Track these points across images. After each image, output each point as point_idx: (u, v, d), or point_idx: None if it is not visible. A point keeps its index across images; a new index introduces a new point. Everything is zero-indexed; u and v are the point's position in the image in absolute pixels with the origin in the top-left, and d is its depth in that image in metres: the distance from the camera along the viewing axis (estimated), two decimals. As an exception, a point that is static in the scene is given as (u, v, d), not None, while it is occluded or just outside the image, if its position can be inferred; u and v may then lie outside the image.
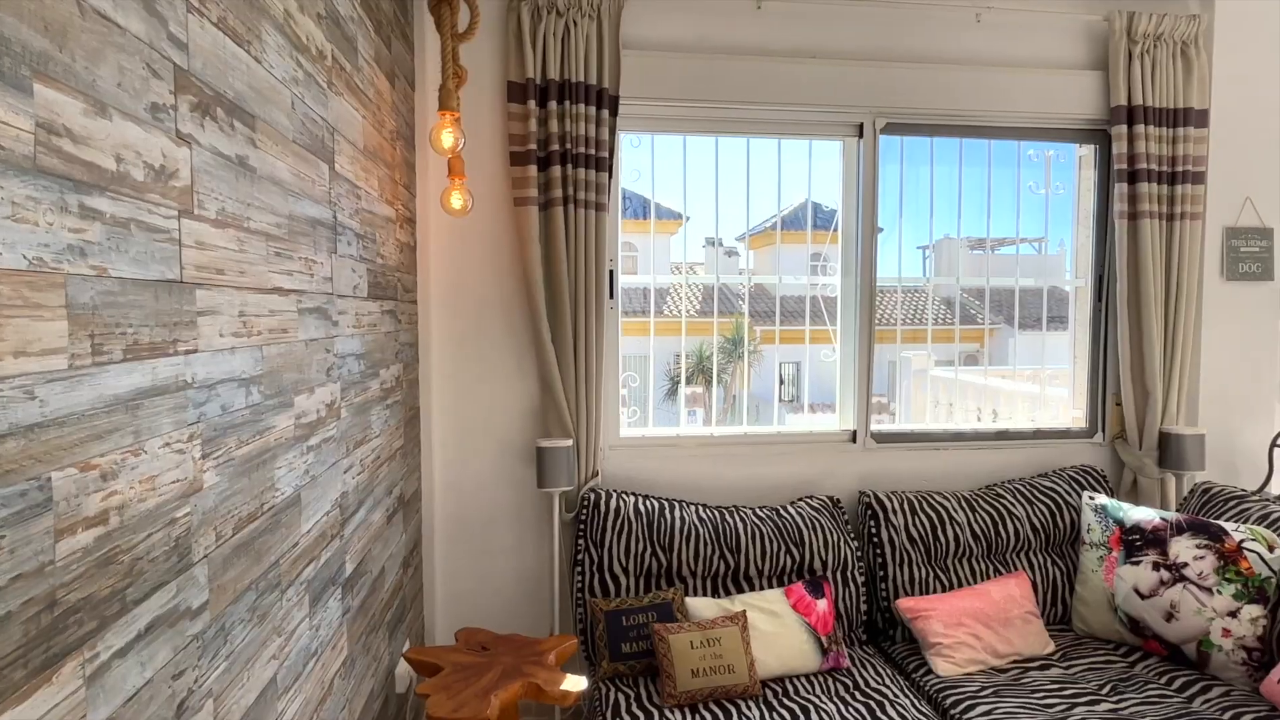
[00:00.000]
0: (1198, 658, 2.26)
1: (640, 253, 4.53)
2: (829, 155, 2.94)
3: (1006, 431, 2.98)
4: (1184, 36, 2.81)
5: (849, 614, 2.51)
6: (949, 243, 3.52)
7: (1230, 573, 2.25)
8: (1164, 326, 2.83)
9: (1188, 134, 2.81)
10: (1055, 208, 3.19)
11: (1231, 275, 2.91)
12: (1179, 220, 2.81)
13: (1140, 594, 2.37)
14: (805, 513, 2.56)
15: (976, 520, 2.62)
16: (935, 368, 5.54)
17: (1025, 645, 2.37)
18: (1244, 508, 2.47)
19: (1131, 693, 2.15)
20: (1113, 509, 2.53)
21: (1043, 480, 2.77)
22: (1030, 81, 2.86)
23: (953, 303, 4.69)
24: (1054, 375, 3.31)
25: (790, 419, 6.56)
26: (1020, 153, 3.11)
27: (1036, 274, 3.25)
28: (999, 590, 2.45)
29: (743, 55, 2.73)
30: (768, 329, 5.20)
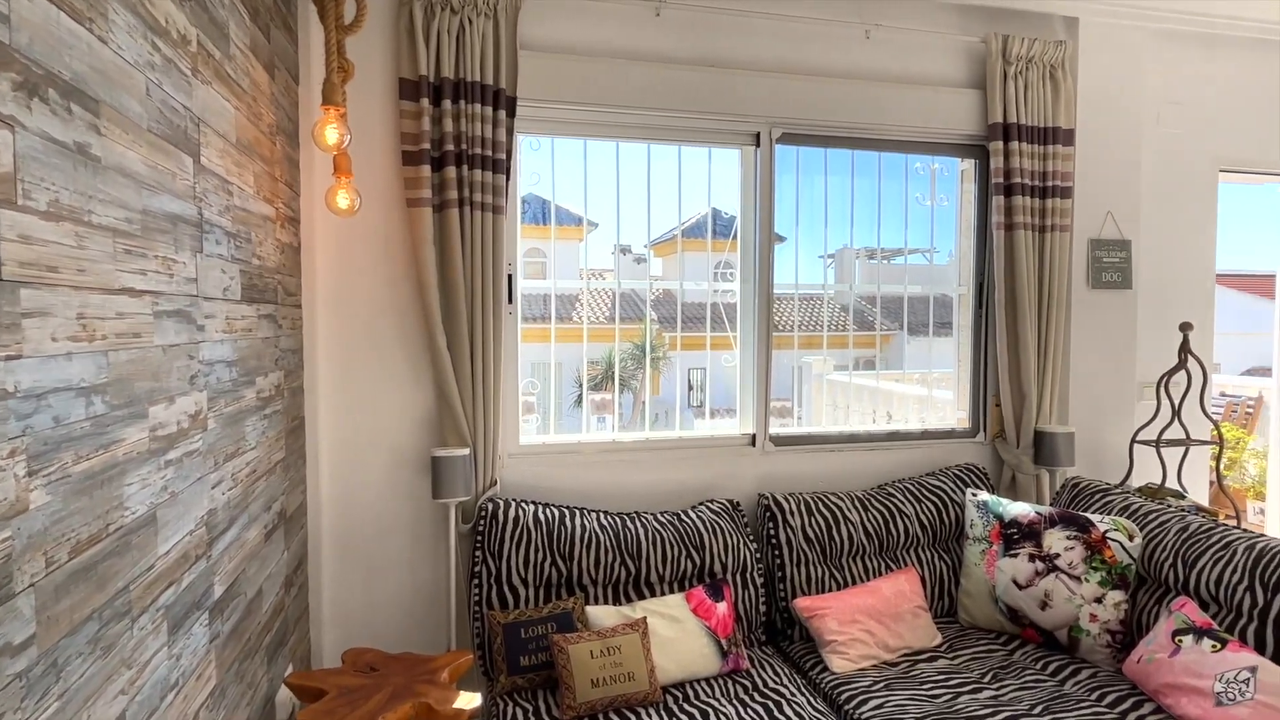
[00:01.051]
0: (1069, 643, 2.39)
1: (549, 259, 4.46)
2: (729, 163, 2.99)
3: (897, 433, 3.10)
4: (1052, 60, 3.00)
5: (749, 615, 2.53)
6: (847, 252, 3.63)
7: (1096, 561, 2.40)
8: (1038, 331, 3.00)
9: (1056, 151, 3.00)
10: (940, 219, 3.35)
11: (1096, 284, 3.13)
12: (1049, 231, 3.00)
13: (1018, 584, 2.49)
14: (706, 517, 2.58)
15: (869, 519, 2.71)
16: (834, 372, 5.73)
17: (915, 639, 2.46)
18: (1108, 500, 2.65)
19: (1010, 679, 2.26)
20: (993, 505, 2.66)
21: (930, 479, 2.89)
22: (916, 97, 2.99)
23: (851, 309, 4.85)
24: (942, 378, 3.47)
25: (699, 424, 6.64)
26: (908, 165, 3.25)
27: (928, 282, 3.39)
28: (890, 586, 2.53)
29: (642, 61, 2.73)
30: (684, 335, 5.27)
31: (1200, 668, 2.01)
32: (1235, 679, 1.93)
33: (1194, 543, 2.30)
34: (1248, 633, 2.09)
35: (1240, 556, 2.17)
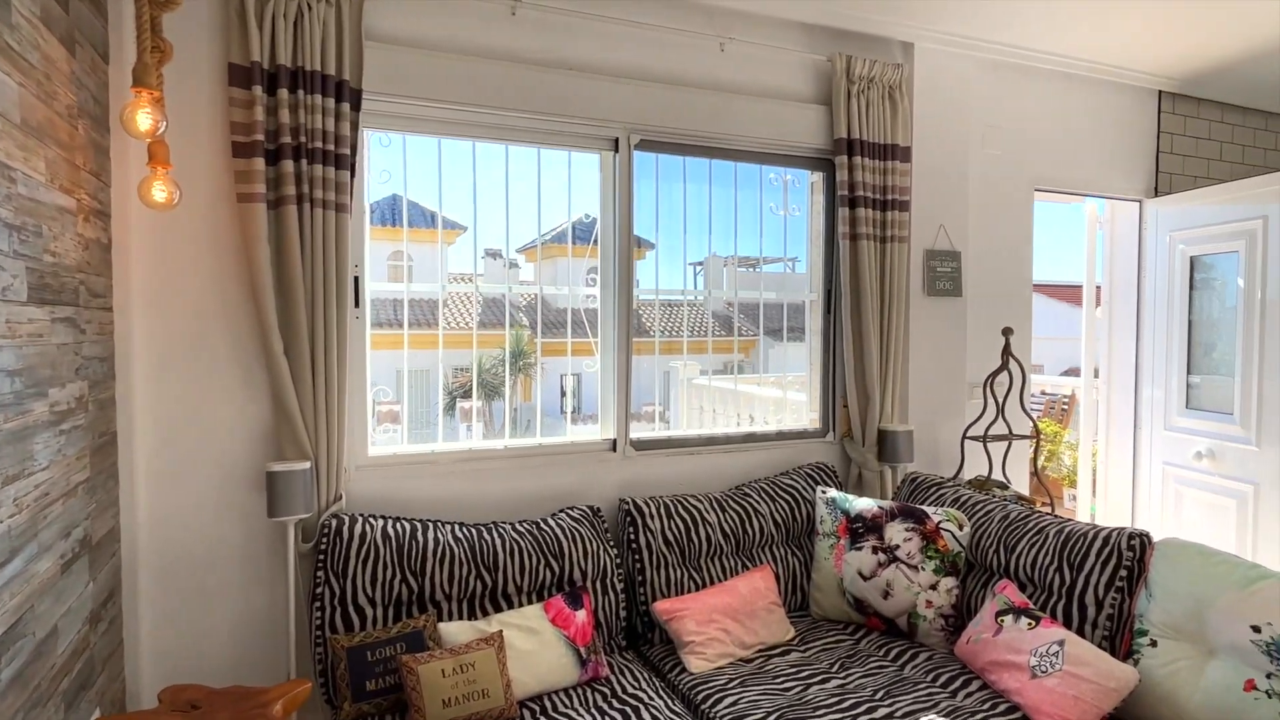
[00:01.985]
0: (908, 628, 2.54)
1: (416, 262, 4.26)
2: (591, 168, 2.98)
3: (754, 434, 3.19)
4: (890, 81, 3.20)
5: (609, 621, 2.52)
6: (715, 259, 3.71)
7: (931, 551, 2.56)
8: (880, 336, 3.18)
9: (895, 167, 3.20)
10: (793, 228, 3.49)
11: (931, 291, 3.35)
12: (889, 242, 3.18)
13: (863, 576, 2.62)
14: (565, 524, 2.54)
15: (727, 519, 2.76)
16: (700, 376, 5.86)
17: (769, 634, 2.53)
18: (942, 493, 2.84)
19: (856, 667, 2.37)
20: (841, 501, 2.79)
21: (784, 478, 2.99)
22: (768, 110, 3.10)
23: (720, 316, 4.97)
24: (796, 381, 3.60)
25: (573, 430, 6.60)
26: (762, 176, 3.36)
27: (787, 289, 3.52)
28: (746, 585, 2.59)
29: (498, 60, 2.67)
30: (548, 341, 5.24)
31: (1019, 644, 2.19)
32: (1047, 652, 2.11)
33: (1013, 529, 2.51)
34: (1058, 609, 2.30)
35: (1051, 540, 2.38)
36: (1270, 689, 1.80)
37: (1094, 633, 2.20)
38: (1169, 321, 3.87)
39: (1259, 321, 3.40)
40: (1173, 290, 3.86)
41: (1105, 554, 2.23)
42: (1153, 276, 3.98)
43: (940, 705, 2.13)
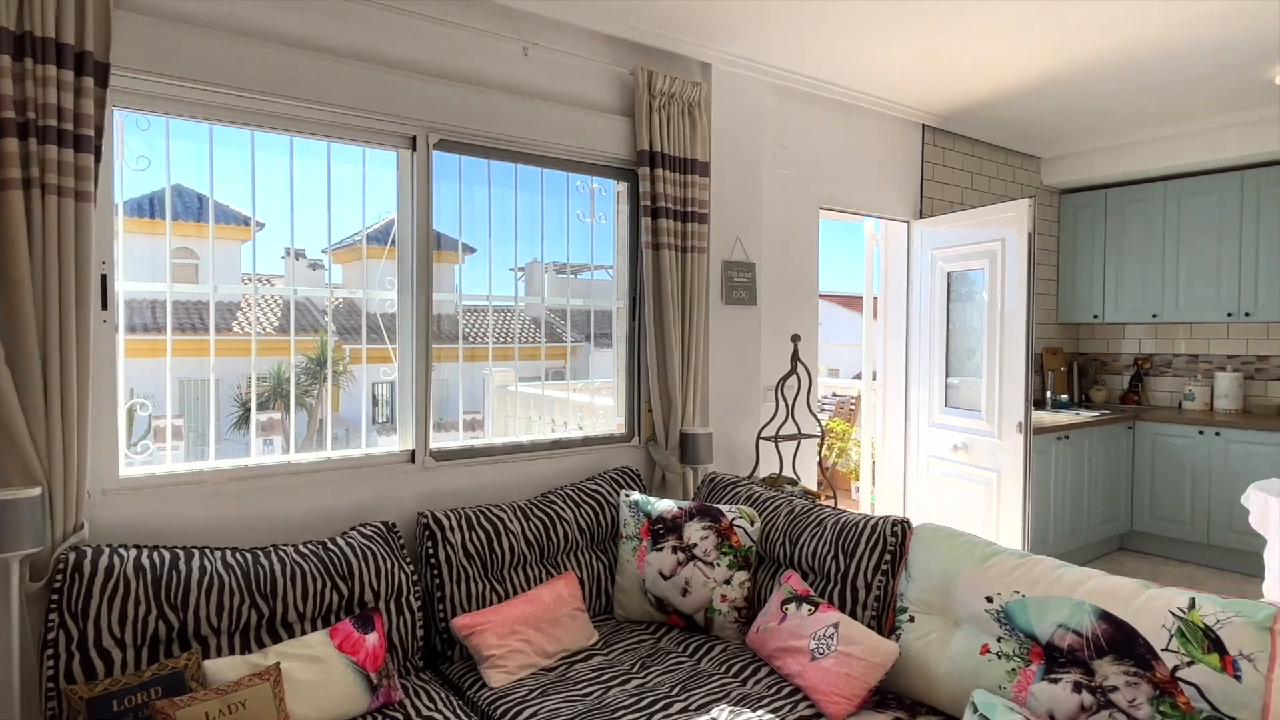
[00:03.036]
0: (705, 623, 2.64)
1: (202, 260, 3.83)
2: (390, 166, 2.84)
3: (560, 441, 3.19)
4: (690, 99, 3.34)
5: (404, 642, 2.40)
6: (538, 266, 3.67)
7: (725, 547, 2.69)
8: (682, 342, 3.30)
9: (695, 180, 3.34)
10: (600, 236, 3.54)
11: (729, 300, 3.53)
12: (690, 252, 3.32)
13: (663, 575, 2.70)
14: (356, 542, 2.39)
15: (531, 528, 2.73)
16: (514, 383, 5.79)
17: (573, 640, 2.53)
18: (737, 491, 2.99)
19: (656, 665, 2.43)
20: (643, 503, 2.86)
21: (589, 483, 3.01)
22: (573, 118, 3.12)
23: (540, 322, 4.92)
24: (605, 387, 3.65)
25: (383, 440, 6.26)
26: (569, 183, 3.38)
27: (596, 296, 3.55)
28: (549, 592, 2.58)
29: (285, 45, 2.47)
30: (359, 348, 4.93)
31: (801, 630, 2.34)
32: (824, 635, 2.27)
33: (798, 523, 2.69)
34: (835, 594, 2.49)
35: (829, 531, 2.58)
36: (1000, 651, 2.05)
37: (864, 613, 2.40)
38: (931, 329, 4.36)
39: (1000, 330, 3.91)
40: (934, 302, 4.35)
41: (873, 541, 2.45)
42: (919, 289, 4.46)
43: (732, 694, 2.23)
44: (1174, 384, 5.42)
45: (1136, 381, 5.52)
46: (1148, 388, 5.55)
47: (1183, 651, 1.75)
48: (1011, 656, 2.02)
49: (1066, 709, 1.87)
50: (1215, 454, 4.65)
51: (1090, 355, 5.84)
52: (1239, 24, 3.20)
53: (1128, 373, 5.63)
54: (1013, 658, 2.02)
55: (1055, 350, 5.62)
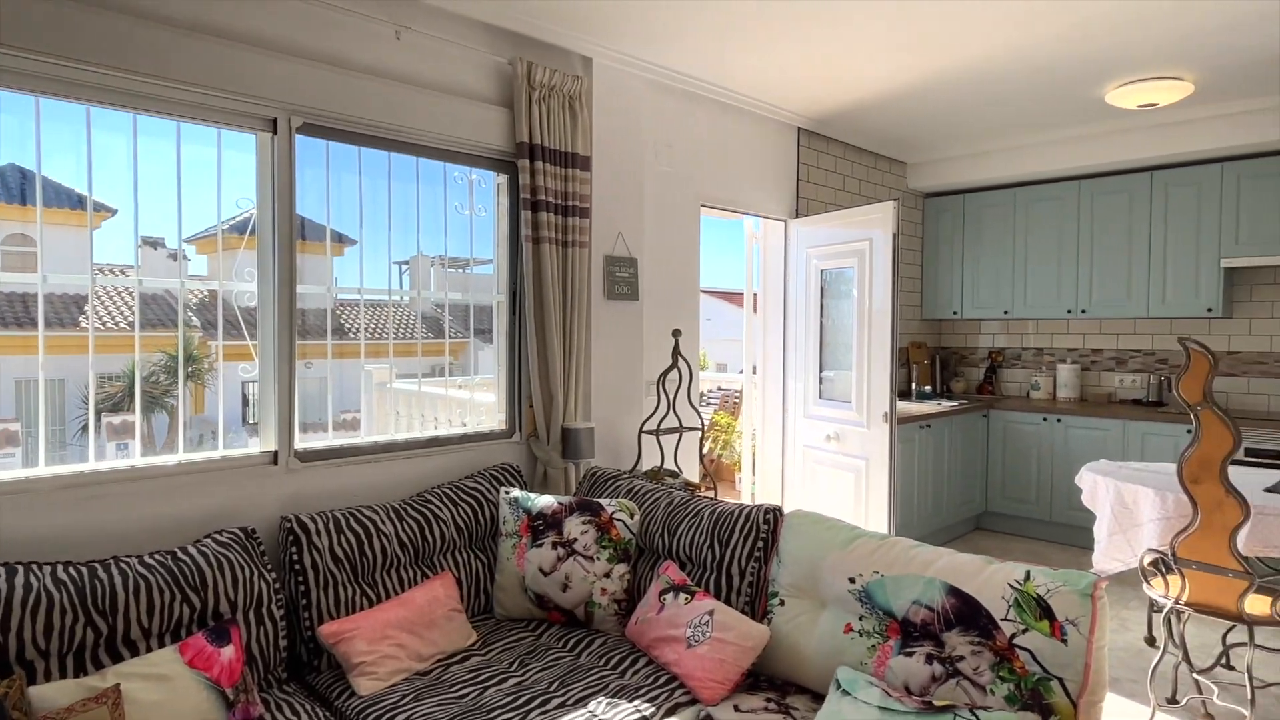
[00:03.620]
0: (585, 617, 2.65)
1: (47, 248, 3.48)
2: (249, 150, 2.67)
3: (437, 438, 3.11)
4: (571, 92, 3.32)
5: (266, 654, 2.27)
6: (423, 259, 3.54)
7: (605, 541, 2.70)
8: (563, 337, 3.28)
9: (575, 174, 3.32)
10: (481, 229, 3.46)
11: (611, 295, 3.55)
12: (571, 247, 3.30)
13: (543, 572, 2.68)
14: (210, 551, 2.24)
15: (404, 528, 2.65)
16: (395, 381, 5.58)
17: (449, 642, 2.47)
18: (618, 485, 3.01)
19: (535, 662, 2.41)
20: (523, 500, 2.82)
21: (468, 481, 2.95)
22: (449, 107, 3.04)
23: (429, 318, 4.76)
24: (486, 383, 3.58)
25: (253, 441, 5.88)
26: (446, 174, 3.29)
27: (476, 290, 3.47)
28: (424, 594, 2.51)
29: (123, 13, 2.27)
30: (229, 345, 4.63)
31: (678, 619, 2.38)
32: (700, 623, 2.32)
33: (676, 514, 2.73)
34: (711, 582, 2.55)
35: (705, 521, 2.63)
36: (862, 629, 2.16)
37: (738, 600, 2.47)
38: (807, 324, 4.54)
39: (868, 325, 4.12)
40: (809, 298, 4.53)
41: (746, 529, 2.52)
42: (795, 286, 4.63)
43: (610, 687, 2.24)
44: (1023, 375, 5.89)
45: (991, 373, 5.96)
46: (1000, 379, 6.00)
47: (1019, 620, 1.90)
48: (872, 634, 2.13)
49: (920, 680, 1.99)
50: (1057, 439, 5.09)
51: (951, 349, 6.26)
52: (1074, 47, 3.50)
53: (983, 365, 6.07)
54: (873, 635, 2.13)
55: (920, 344, 5.98)
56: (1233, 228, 4.65)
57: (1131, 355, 5.39)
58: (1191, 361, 2.45)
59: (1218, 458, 2.43)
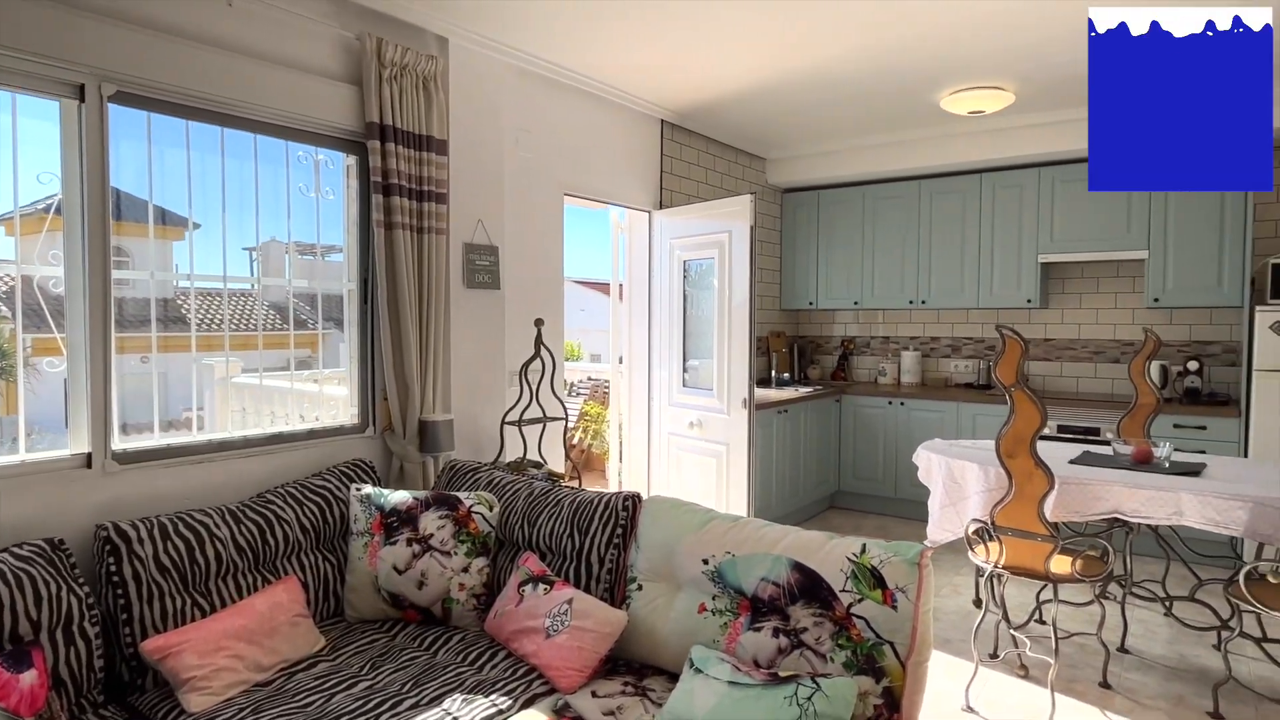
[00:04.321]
0: (443, 614, 2.58)
1: None
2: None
3: (281, 435, 2.93)
4: (425, 72, 3.20)
5: (79, 677, 2.06)
6: (277, 245, 3.29)
7: (463, 535, 2.64)
8: (419, 327, 3.17)
9: (431, 159, 3.21)
10: (329, 212, 3.28)
11: (471, 284, 3.46)
12: (427, 233, 3.19)
13: (398, 570, 2.58)
14: (7, 567, 2.00)
15: (242, 532, 2.47)
16: (241, 375, 5.20)
17: (293, 650, 2.33)
18: (478, 477, 2.95)
19: (389, 663, 2.32)
20: (376, 496, 2.71)
21: (315, 480, 2.80)
22: (290, 81, 2.85)
23: (281, 308, 4.44)
24: (337, 375, 3.41)
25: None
26: (289, 153, 3.08)
27: (332, 279, 3.28)
28: (265, 601, 2.36)
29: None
30: (43, 336, 4.13)
31: (537, 610, 2.37)
32: (559, 612, 2.32)
33: (537, 504, 2.71)
34: (570, 571, 2.55)
35: (566, 510, 2.63)
36: (715, 608, 2.23)
37: (598, 587, 2.49)
38: (671, 314, 4.62)
39: (728, 315, 4.25)
40: (673, 289, 4.61)
41: (606, 517, 2.54)
42: (659, 277, 4.70)
43: (467, 683, 2.20)
44: (872, 362, 6.27)
45: (844, 360, 6.31)
46: (852, 366, 6.37)
47: (855, 590, 2.02)
48: (724, 612, 2.20)
49: (767, 652, 2.08)
50: (900, 421, 5.46)
51: (808, 338, 6.57)
52: (913, 55, 3.74)
53: (837, 353, 6.41)
54: (725, 613, 2.20)
55: (779, 333, 6.24)
56: (1048, 227, 5.15)
57: (965, 342, 5.86)
58: (1006, 347, 2.69)
59: (1028, 434, 2.68)
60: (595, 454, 6.81)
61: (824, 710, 1.81)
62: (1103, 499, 2.86)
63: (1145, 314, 5.11)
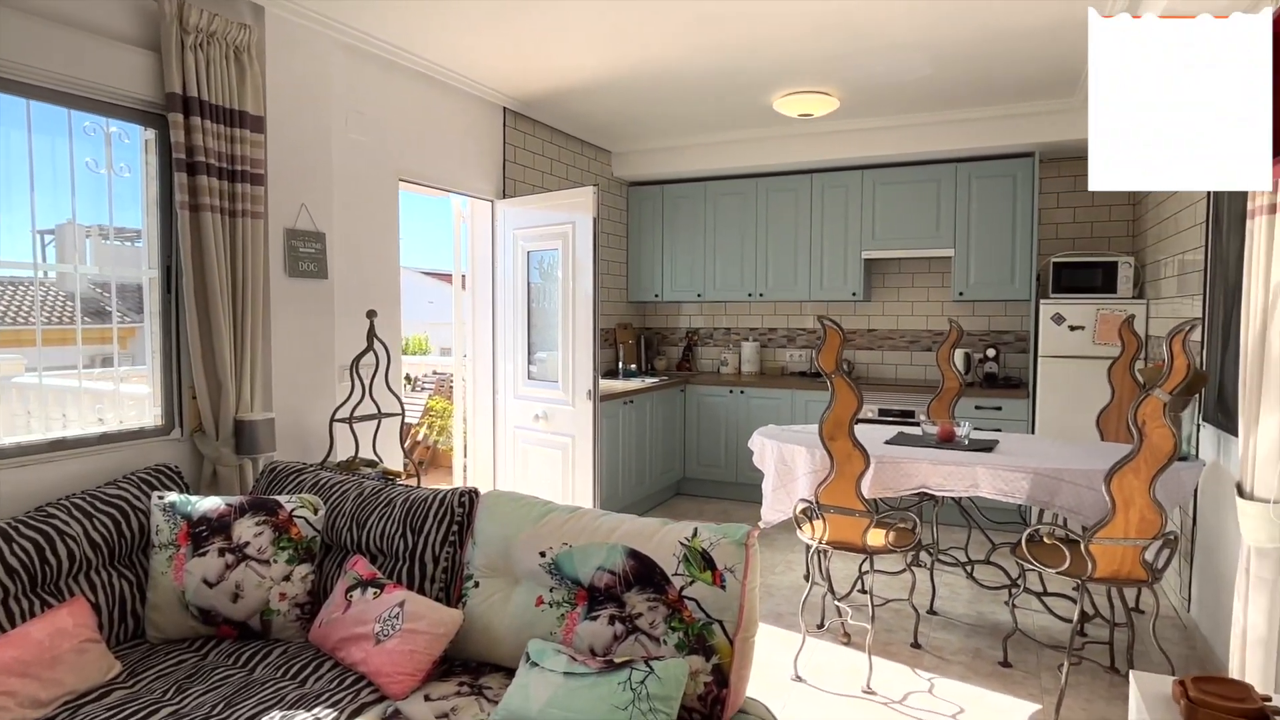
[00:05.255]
0: (262, 627, 2.40)
1: None
2: None
3: (65, 440, 2.61)
4: (236, 42, 2.94)
5: None
6: (76, 228, 2.88)
7: (284, 541, 2.46)
8: (233, 319, 2.93)
9: (245, 136, 2.96)
10: (125, 190, 2.95)
11: (293, 272, 3.24)
12: (241, 217, 2.95)
13: (209, 583, 2.38)
14: None
15: (15, 552, 2.18)
16: (24, 374, 4.59)
17: (80, 680, 2.08)
18: (302, 479, 2.77)
19: (197, 685, 2.13)
20: (182, 504, 2.48)
21: (109, 489, 2.51)
22: (75, 42, 2.53)
23: (84, 299, 3.91)
24: (136, 373, 3.08)
25: None
26: (73, 123, 2.74)
27: (128, 265, 2.94)
28: (44, 628, 2.09)
29: None
30: None
31: (366, 615, 2.25)
32: (390, 616, 2.22)
33: (366, 505, 2.58)
34: (403, 573, 2.45)
35: (398, 510, 2.52)
36: (552, 600, 2.22)
37: (433, 587, 2.41)
38: (515, 306, 4.55)
39: (572, 307, 4.24)
40: (517, 280, 4.54)
41: (441, 515, 2.46)
42: (503, 268, 4.62)
43: (288, 698, 2.06)
44: (715, 353, 6.50)
45: (689, 351, 6.50)
46: (697, 356, 6.57)
47: (687, 573, 2.08)
48: (561, 603, 2.20)
49: (603, 640, 2.09)
50: (740, 408, 5.70)
51: (655, 329, 6.71)
52: (746, 55, 3.89)
53: (682, 344, 6.59)
54: (562, 604, 2.20)
55: (627, 325, 6.32)
56: (870, 225, 5.54)
57: (799, 333, 6.21)
58: (827, 336, 2.87)
59: (847, 417, 2.87)
60: (442, 451, 6.61)
61: (656, 692, 1.85)
62: (912, 475, 3.12)
63: (952, 306, 5.64)
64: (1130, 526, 2.61)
